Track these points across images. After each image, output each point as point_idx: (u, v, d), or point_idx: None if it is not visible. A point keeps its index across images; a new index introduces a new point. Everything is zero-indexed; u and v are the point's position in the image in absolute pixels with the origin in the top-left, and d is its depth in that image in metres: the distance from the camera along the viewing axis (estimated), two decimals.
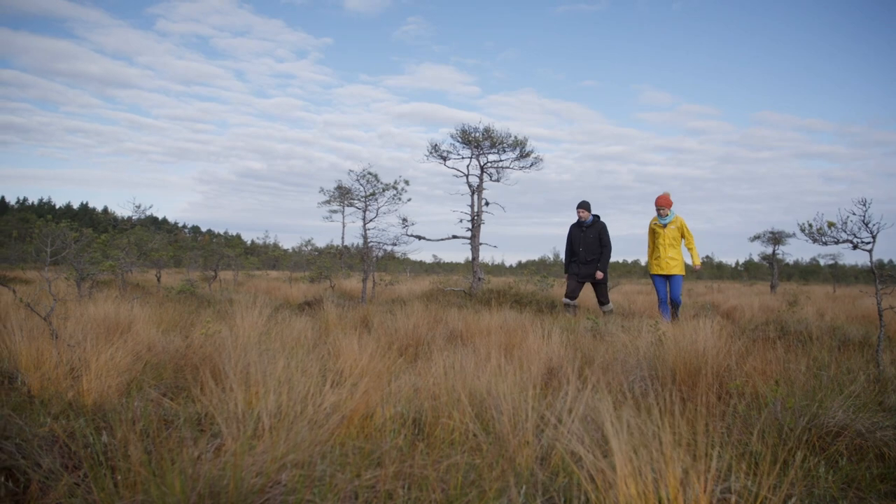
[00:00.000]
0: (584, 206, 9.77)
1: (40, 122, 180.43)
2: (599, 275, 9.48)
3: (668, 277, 9.14)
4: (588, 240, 9.69)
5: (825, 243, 5.99)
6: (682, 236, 9.14)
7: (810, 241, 6.34)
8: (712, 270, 70.43)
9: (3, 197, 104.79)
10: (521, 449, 2.36)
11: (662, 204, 9.13)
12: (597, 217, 9.82)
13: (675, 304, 9.06)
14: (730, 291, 23.07)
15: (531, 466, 2.27)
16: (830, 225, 5.85)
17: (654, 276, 9.22)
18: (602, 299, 9.73)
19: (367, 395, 2.76)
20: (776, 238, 25.48)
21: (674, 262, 9.03)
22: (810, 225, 6.28)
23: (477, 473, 2.15)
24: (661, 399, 3.09)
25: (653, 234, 9.28)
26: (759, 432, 2.79)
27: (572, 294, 9.68)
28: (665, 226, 9.10)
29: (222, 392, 2.89)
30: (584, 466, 2.06)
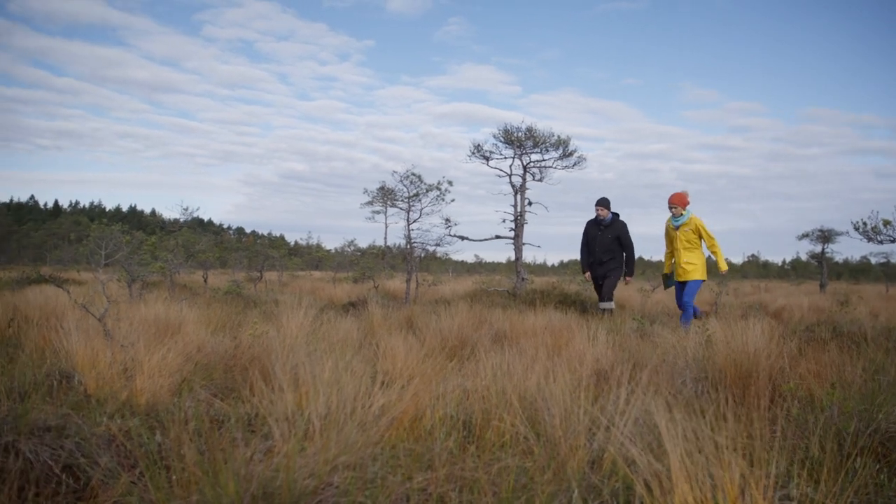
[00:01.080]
0: (603, 203, 9.20)
1: (92, 128, 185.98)
2: (628, 280, 9.11)
3: (683, 284, 8.35)
4: (605, 239, 9.09)
5: (881, 242, 5.84)
6: (701, 238, 8.25)
7: (865, 239, 6.17)
8: (758, 269, 69.15)
9: (56, 200, 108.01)
10: (574, 452, 2.34)
11: (675, 202, 8.29)
12: (616, 216, 9.25)
13: (683, 309, 8.23)
14: (777, 291, 22.63)
15: (583, 469, 2.25)
16: (886, 223, 5.69)
17: (673, 282, 8.48)
18: (605, 294, 9.09)
19: (417, 398, 2.77)
20: (825, 236, 24.93)
21: (691, 266, 8.19)
22: (865, 223, 6.12)
23: (528, 477, 2.13)
24: (713, 402, 3.03)
25: (668, 236, 8.56)
26: (817, 437, 2.73)
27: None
28: (678, 227, 8.27)
29: (272, 393, 2.92)
30: (638, 471, 2.03)
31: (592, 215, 9.28)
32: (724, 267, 8.45)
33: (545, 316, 6.72)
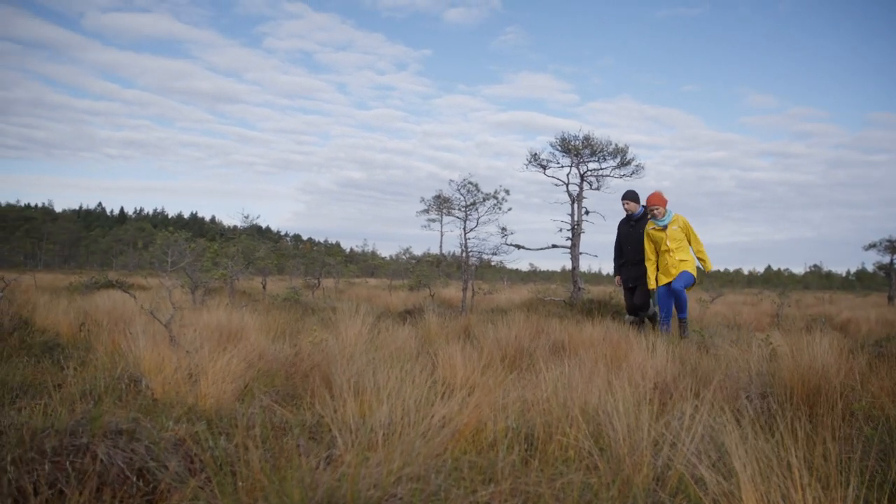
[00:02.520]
0: (630, 196, 8.31)
1: (158, 138, 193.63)
2: (653, 285, 7.98)
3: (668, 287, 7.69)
4: (637, 237, 8.16)
5: None
6: (688, 240, 7.77)
7: None
8: (821, 280, 67.46)
9: (122, 207, 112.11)
10: (638, 469, 2.30)
11: (655, 202, 7.72)
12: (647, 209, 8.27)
13: (677, 297, 7.58)
14: (842, 303, 21.94)
15: (649, 486, 2.21)
16: None
17: (658, 289, 7.81)
18: (644, 303, 8.21)
19: (479, 409, 2.76)
20: (895, 247, 24.08)
21: (684, 263, 7.61)
22: None
23: (593, 493, 2.11)
24: (781, 419, 2.95)
25: (652, 241, 7.86)
26: (895, 460, 2.62)
27: (632, 308, 8.35)
28: (665, 227, 7.69)
29: (334, 401, 2.95)
30: (706, 489, 1.98)
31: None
32: (710, 266, 7.85)
33: (602, 326, 6.64)
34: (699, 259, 7.82)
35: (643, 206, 8.28)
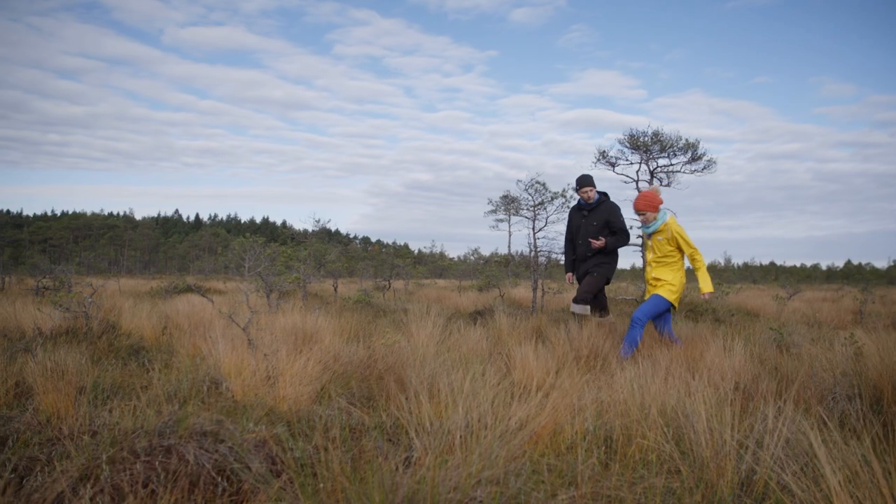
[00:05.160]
0: (585, 181, 6.95)
1: (232, 146, 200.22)
2: (597, 243, 6.68)
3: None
4: (590, 228, 6.88)
5: None
6: (680, 250, 6.14)
7: None
8: None
9: (197, 214, 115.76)
10: (722, 473, 2.24)
11: (641, 208, 6.22)
12: (604, 196, 7.04)
13: (630, 325, 5.94)
14: None
15: (734, 492, 2.15)
16: None
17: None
18: (580, 294, 6.74)
19: (556, 411, 2.74)
20: None
21: (659, 283, 6.15)
22: None
23: (675, 497, 2.07)
24: (871, 422, 2.84)
25: (644, 246, 6.62)
26: None
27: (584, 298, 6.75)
28: (651, 235, 6.30)
29: (409, 403, 2.97)
30: (795, 496, 1.92)
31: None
32: (708, 287, 6.18)
33: (675, 326, 6.49)
34: (695, 271, 6.24)
35: (601, 192, 7.10)
